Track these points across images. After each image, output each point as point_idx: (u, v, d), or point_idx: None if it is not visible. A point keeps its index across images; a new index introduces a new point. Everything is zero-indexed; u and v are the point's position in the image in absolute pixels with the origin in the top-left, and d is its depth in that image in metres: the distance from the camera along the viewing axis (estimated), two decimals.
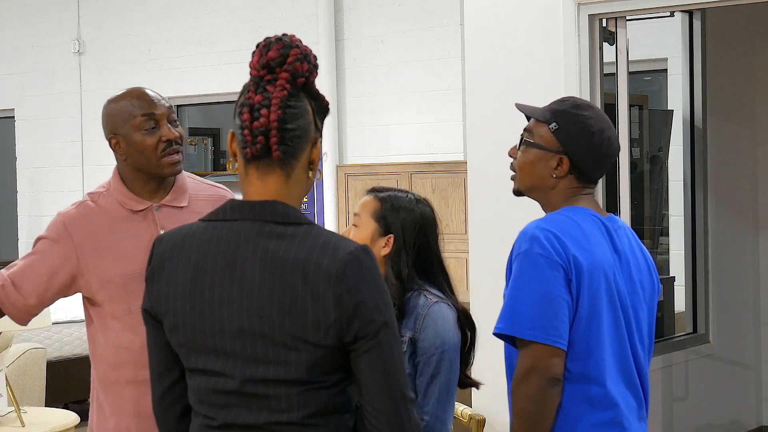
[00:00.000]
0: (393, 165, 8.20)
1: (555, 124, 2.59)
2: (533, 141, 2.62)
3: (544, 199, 2.65)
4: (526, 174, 2.64)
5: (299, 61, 2.01)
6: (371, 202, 3.05)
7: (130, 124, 2.88)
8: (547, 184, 2.61)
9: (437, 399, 2.90)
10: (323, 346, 1.95)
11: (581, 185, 2.61)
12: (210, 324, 2.01)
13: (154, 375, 2.13)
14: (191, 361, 2.05)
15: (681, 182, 6.20)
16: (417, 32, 8.21)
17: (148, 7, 9.61)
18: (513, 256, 2.52)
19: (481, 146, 5.10)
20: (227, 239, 2.02)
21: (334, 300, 1.94)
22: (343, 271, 1.94)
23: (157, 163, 2.88)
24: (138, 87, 2.98)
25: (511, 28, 4.96)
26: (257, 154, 2.01)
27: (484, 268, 5.02)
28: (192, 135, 9.92)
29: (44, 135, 10.35)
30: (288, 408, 1.98)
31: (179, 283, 2.04)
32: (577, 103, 2.64)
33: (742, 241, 6.42)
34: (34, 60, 10.35)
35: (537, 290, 2.45)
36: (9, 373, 5.25)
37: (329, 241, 1.98)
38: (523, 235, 2.51)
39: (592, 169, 2.60)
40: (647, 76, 7.66)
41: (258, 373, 1.98)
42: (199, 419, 2.07)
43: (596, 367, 2.49)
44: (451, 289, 3.04)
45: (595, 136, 2.57)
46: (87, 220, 2.91)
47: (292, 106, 2.01)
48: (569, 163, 2.58)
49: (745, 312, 6.43)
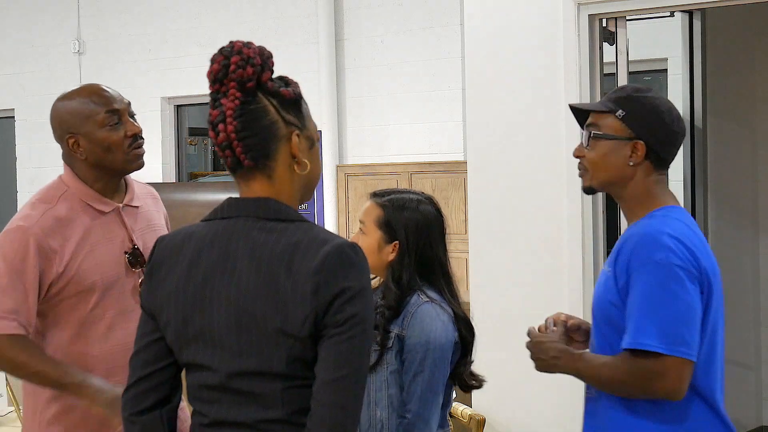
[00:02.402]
0: (393, 165, 8.19)
1: (621, 111, 2.54)
2: (602, 132, 2.56)
3: (622, 192, 2.57)
4: (601, 168, 2.56)
5: (241, 68, 2.01)
6: (374, 209, 3.04)
7: (93, 121, 2.82)
8: (624, 174, 2.54)
9: (419, 397, 2.90)
10: (301, 339, 1.95)
11: (658, 171, 2.56)
12: (201, 317, 2.02)
13: (139, 363, 2.12)
14: (183, 355, 2.07)
15: (681, 182, 6.20)
16: (417, 32, 8.21)
17: (148, 7, 9.61)
18: (637, 261, 2.40)
19: (481, 146, 5.10)
20: (221, 235, 2.04)
21: (312, 290, 1.94)
22: (322, 263, 1.95)
23: (124, 158, 2.84)
24: (92, 84, 2.91)
25: (511, 28, 4.96)
26: (232, 167, 2.05)
27: (484, 268, 5.01)
28: (192, 135, 9.93)
29: (44, 135, 10.32)
30: (272, 404, 1.98)
31: (174, 280, 2.06)
32: (636, 88, 2.60)
33: (742, 241, 6.42)
34: (34, 60, 10.34)
35: (683, 305, 2.36)
36: None
37: (317, 236, 1.99)
38: (651, 241, 2.40)
39: (668, 150, 2.55)
40: (647, 76, 7.66)
41: (242, 366, 1.99)
42: (194, 417, 2.09)
43: (711, 384, 2.46)
44: (452, 293, 3.03)
45: (665, 114, 2.54)
46: (57, 230, 2.78)
47: (246, 113, 2.02)
48: (645, 147, 2.52)
49: (745, 312, 6.43)
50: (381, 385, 2.95)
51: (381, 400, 2.94)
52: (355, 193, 8.33)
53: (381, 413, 2.94)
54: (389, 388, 2.94)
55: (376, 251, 2.99)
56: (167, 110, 9.58)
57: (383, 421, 2.94)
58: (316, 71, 8.40)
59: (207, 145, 9.91)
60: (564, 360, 2.51)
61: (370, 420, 2.95)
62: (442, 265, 3.04)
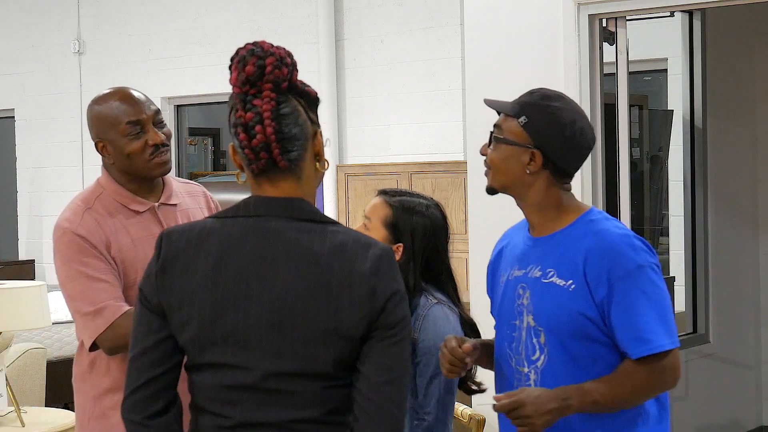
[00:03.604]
0: (393, 165, 8.19)
1: (524, 118, 2.49)
2: (503, 136, 2.52)
3: (523, 197, 2.54)
4: (499, 171, 2.54)
5: (277, 68, 2.00)
6: (382, 207, 3.01)
7: (116, 130, 2.86)
8: (523, 180, 2.50)
9: (438, 399, 2.89)
10: (352, 340, 1.97)
11: (560, 181, 2.51)
12: (233, 317, 1.99)
13: (146, 363, 2.07)
14: (204, 355, 2.02)
15: (681, 182, 6.20)
16: (417, 32, 8.21)
17: (147, 7, 9.61)
18: (620, 271, 2.38)
19: (481, 146, 5.09)
20: (253, 233, 2.02)
21: (368, 292, 1.96)
22: (377, 265, 1.97)
23: (145, 166, 2.87)
24: (123, 88, 2.93)
25: (511, 28, 4.96)
26: (264, 169, 2.03)
27: (484, 268, 5.00)
28: (192, 135, 9.93)
29: (44, 135, 10.34)
30: (309, 404, 1.98)
31: (197, 277, 2.02)
32: (546, 94, 2.53)
33: (742, 241, 6.42)
34: (34, 60, 10.34)
35: (667, 298, 2.44)
36: (9, 373, 5.24)
37: (359, 239, 2.01)
38: (626, 248, 2.40)
39: (567, 162, 2.49)
40: (647, 76, 7.66)
41: (282, 367, 1.97)
42: (206, 418, 2.04)
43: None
44: (458, 296, 3.03)
45: (566, 127, 2.47)
46: (99, 228, 2.85)
47: (283, 114, 2.01)
48: (542, 157, 2.47)
49: (745, 312, 6.43)
50: None
51: None
52: (355, 193, 8.33)
53: None
54: None
55: None
56: (167, 110, 9.57)
57: None
58: (316, 71, 8.40)
59: (207, 145, 9.92)
60: (575, 399, 2.38)
61: None
62: (447, 270, 3.03)
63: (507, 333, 2.60)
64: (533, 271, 2.53)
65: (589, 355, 2.44)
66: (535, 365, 2.51)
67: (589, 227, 2.48)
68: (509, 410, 2.38)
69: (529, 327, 2.52)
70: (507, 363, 2.60)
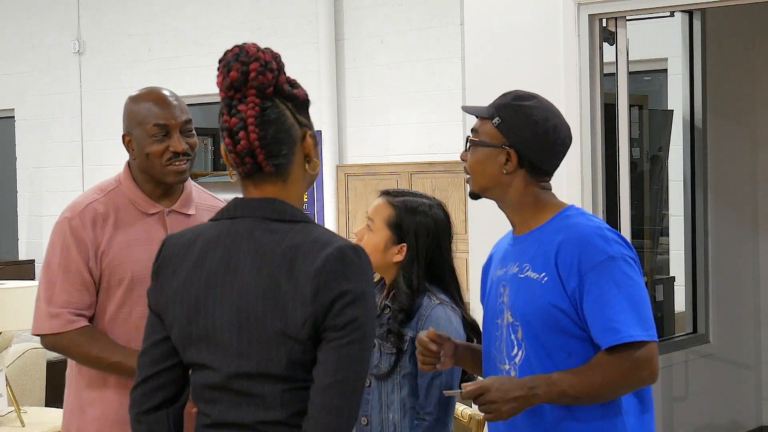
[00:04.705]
0: (393, 165, 8.19)
1: (498, 119, 2.53)
2: (479, 139, 2.56)
3: (503, 198, 2.57)
4: (478, 174, 2.57)
5: (261, 74, 1.99)
6: (385, 207, 3.01)
7: (143, 129, 2.88)
8: (501, 181, 2.54)
9: (439, 400, 2.89)
10: (301, 341, 1.95)
11: (538, 180, 2.54)
12: (204, 317, 2.02)
13: (146, 362, 2.12)
14: (186, 355, 2.07)
15: (681, 182, 6.20)
16: (417, 32, 8.21)
17: (148, 6, 9.61)
18: (590, 262, 2.39)
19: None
20: (226, 235, 2.03)
21: (312, 293, 1.93)
22: (323, 265, 1.94)
23: (161, 170, 2.89)
24: (159, 90, 2.96)
25: (511, 28, 4.95)
26: (249, 172, 2.03)
27: None
28: None
29: (44, 135, 10.34)
30: (273, 405, 1.97)
31: (179, 280, 2.06)
32: (518, 95, 2.58)
33: (742, 241, 6.42)
34: (34, 60, 10.34)
35: (642, 290, 2.42)
36: (9, 373, 5.24)
37: (319, 238, 1.98)
38: (596, 239, 2.42)
39: (542, 160, 2.53)
40: (647, 76, 7.66)
41: (243, 367, 1.99)
42: (198, 416, 2.09)
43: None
44: (461, 297, 3.03)
45: (539, 125, 2.51)
46: (95, 222, 2.88)
47: (267, 120, 2.00)
48: (517, 156, 2.51)
49: (745, 312, 6.43)
50: (393, 388, 2.93)
51: (393, 403, 2.93)
52: (355, 193, 8.33)
53: (393, 416, 2.92)
54: (402, 390, 2.92)
55: (382, 251, 2.97)
56: None
57: (396, 424, 2.92)
58: (316, 71, 8.40)
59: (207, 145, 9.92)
60: (542, 388, 2.38)
61: (383, 423, 2.93)
62: (451, 270, 3.03)
63: (492, 333, 2.61)
64: (512, 268, 2.56)
65: (565, 349, 2.45)
66: (514, 361, 2.52)
67: (564, 222, 2.52)
68: (476, 396, 2.39)
69: (509, 324, 2.54)
70: (492, 363, 2.61)
